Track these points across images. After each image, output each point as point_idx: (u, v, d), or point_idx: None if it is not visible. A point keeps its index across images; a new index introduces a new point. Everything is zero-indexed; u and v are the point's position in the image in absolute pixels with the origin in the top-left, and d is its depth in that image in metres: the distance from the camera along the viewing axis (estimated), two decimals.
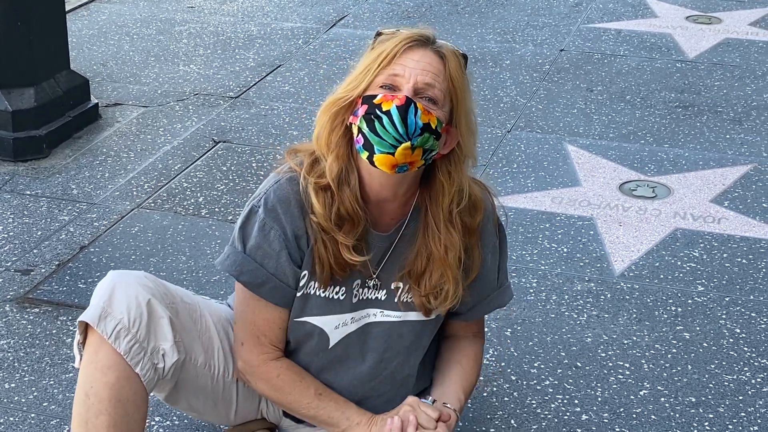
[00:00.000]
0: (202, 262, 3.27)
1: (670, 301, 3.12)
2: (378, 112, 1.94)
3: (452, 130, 2.03)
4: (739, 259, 3.35)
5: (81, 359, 2.06)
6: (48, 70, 4.10)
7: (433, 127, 1.95)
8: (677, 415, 2.62)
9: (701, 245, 3.44)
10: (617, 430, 2.56)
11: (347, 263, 2.06)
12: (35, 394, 2.65)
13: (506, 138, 4.22)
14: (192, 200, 3.67)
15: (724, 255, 3.38)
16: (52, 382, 2.69)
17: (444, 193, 2.06)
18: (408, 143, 1.93)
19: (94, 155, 4.01)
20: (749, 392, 2.71)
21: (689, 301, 3.12)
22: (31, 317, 2.98)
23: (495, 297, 2.26)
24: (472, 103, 2.06)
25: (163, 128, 4.27)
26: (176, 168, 3.91)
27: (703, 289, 3.18)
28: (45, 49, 4.07)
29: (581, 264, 3.32)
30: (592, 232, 3.50)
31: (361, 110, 1.97)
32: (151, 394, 2.16)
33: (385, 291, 2.14)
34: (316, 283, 2.10)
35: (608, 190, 3.81)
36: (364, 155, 1.97)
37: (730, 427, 2.59)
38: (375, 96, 1.96)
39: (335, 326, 2.14)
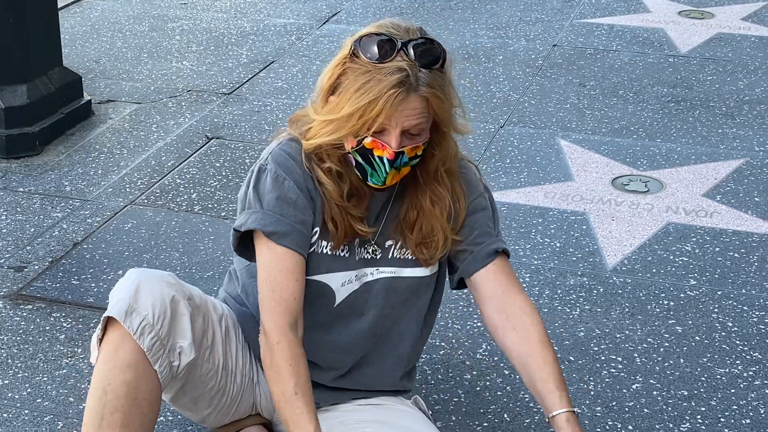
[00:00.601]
0: (196, 259, 3.27)
1: (663, 295, 3.13)
2: (370, 155, 2.05)
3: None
4: (732, 253, 3.36)
5: (98, 355, 2.06)
6: (41, 67, 4.10)
7: (419, 154, 2.09)
8: (669, 409, 2.63)
9: (693, 239, 3.45)
10: (610, 423, 2.57)
11: (356, 233, 2.15)
12: (28, 390, 2.65)
13: (499, 133, 4.23)
14: (185, 196, 3.67)
15: (717, 249, 3.39)
16: (45, 379, 2.70)
17: (433, 157, 2.15)
18: (394, 171, 2.07)
19: (87, 152, 4.01)
20: (741, 385, 2.73)
21: (681, 295, 3.13)
22: (25, 314, 2.98)
23: (495, 242, 2.23)
24: (453, 90, 2.10)
25: (156, 125, 4.27)
26: (169, 164, 3.91)
27: (695, 283, 3.19)
28: (37, 45, 4.07)
29: (574, 258, 3.32)
30: (584, 227, 3.51)
31: (351, 143, 2.06)
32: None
33: (380, 250, 2.21)
34: (326, 242, 2.15)
35: (601, 185, 3.82)
36: (357, 172, 2.10)
37: (722, 420, 2.60)
38: (365, 138, 2.03)
39: (341, 283, 2.19)
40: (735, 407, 2.64)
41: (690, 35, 5.41)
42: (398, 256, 2.22)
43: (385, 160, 2.03)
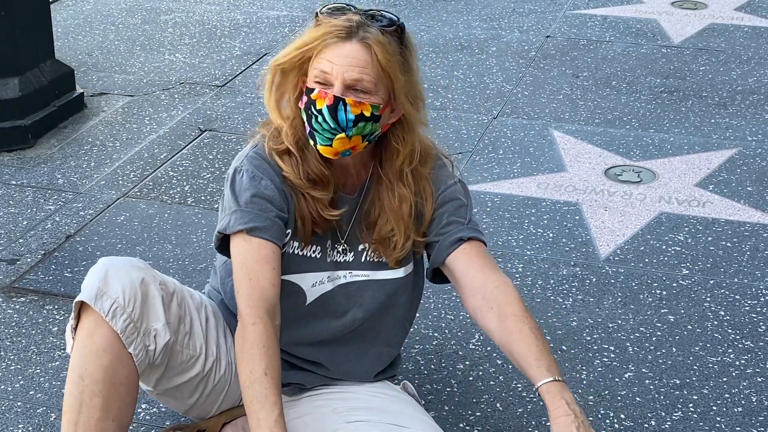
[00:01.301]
0: (189, 251, 3.27)
1: (655, 284, 3.13)
2: (313, 108, 2.06)
3: (396, 104, 2.13)
4: (724, 243, 3.37)
5: (72, 344, 2.07)
6: (33, 60, 4.09)
7: (368, 115, 2.07)
8: (662, 397, 2.64)
9: (686, 229, 3.45)
10: (602, 412, 2.58)
11: (325, 219, 2.16)
12: (21, 382, 2.65)
13: (492, 124, 4.23)
14: (178, 189, 3.67)
15: (709, 238, 3.39)
16: (38, 371, 2.70)
17: (398, 154, 2.17)
18: (343, 134, 2.07)
19: (79, 145, 4.01)
20: (733, 374, 2.73)
21: (674, 285, 3.13)
22: (18, 306, 2.98)
23: (463, 230, 2.22)
24: (414, 74, 2.12)
25: (149, 117, 4.26)
26: (162, 157, 3.91)
27: (687, 272, 3.20)
28: (29, 38, 4.06)
29: (567, 249, 3.33)
30: (577, 217, 3.52)
31: (303, 101, 2.09)
32: (141, 384, 2.17)
33: (353, 253, 2.23)
34: (296, 242, 2.17)
35: (594, 176, 3.82)
36: (311, 143, 2.11)
37: (714, 408, 2.60)
38: (312, 90, 2.06)
39: (312, 284, 2.21)
40: (727, 395, 2.65)
41: (683, 26, 5.41)
42: (371, 260, 2.24)
43: (325, 110, 2.04)
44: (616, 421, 2.55)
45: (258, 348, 2.02)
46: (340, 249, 2.23)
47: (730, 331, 2.91)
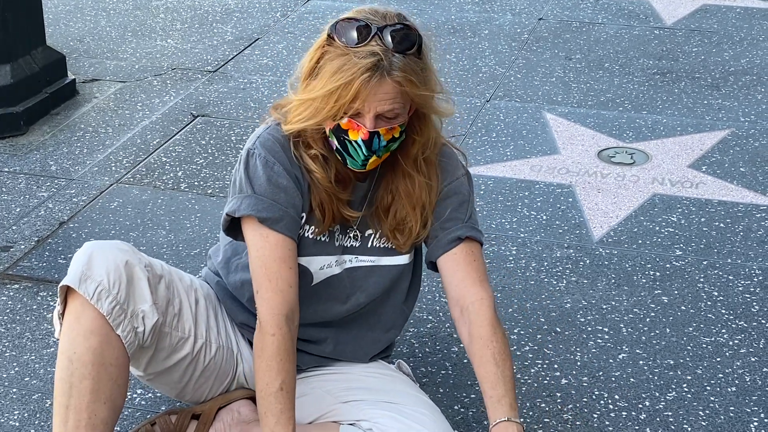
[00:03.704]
0: (182, 236, 3.27)
1: (649, 265, 3.14)
2: (346, 137, 2.06)
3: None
4: (717, 223, 3.38)
5: (60, 328, 2.07)
6: (24, 47, 4.08)
7: (397, 135, 2.09)
8: (655, 378, 2.64)
9: (679, 210, 3.46)
10: (596, 393, 2.59)
11: (343, 216, 2.17)
12: (16, 369, 2.66)
13: (485, 107, 4.23)
14: (171, 174, 3.66)
15: (702, 219, 3.40)
16: (33, 357, 2.70)
17: (414, 143, 2.17)
18: (375, 157, 2.09)
19: (72, 131, 4.00)
20: (727, 354, 2.74)
21: (667, 266, 3.14)
22: (12, 293, 2.98)
23: (461, 228, 2.22)
24: (431, 74, 2.10)
25: (141, 103, 4.25)
26: (155, 143, 3.90)
27: (681, 253, 3.21)
28: (21, 25, 4.04)
29: (560, 231, 3.33)
30: (570, 200, 3.52)
31: (330, 125, 2.07)
32: (132, 369, 2.18)
33: (360, 238, 2.24)
34: (310, 227, 2.18)
35: (587, 158, 3.82)
36: (337, 156, 2.11)
37: (708, 388, 2.61)
38: (341, 119, 2.04)
39: (320, 267, 2.22)
40: (721, 375, 2.66)
41: (675, 7, 5.40)
42: (377, 245, 2.25)
43: (360, 142, 2.05)
44: (610, 401, 2.56)
45: (276, 361, 2.04)
46: (351, 234, 2.23)
47: (723, 311, 2.92)
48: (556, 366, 2.68)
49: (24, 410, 2.51)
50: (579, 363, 2.70)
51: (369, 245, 2.25)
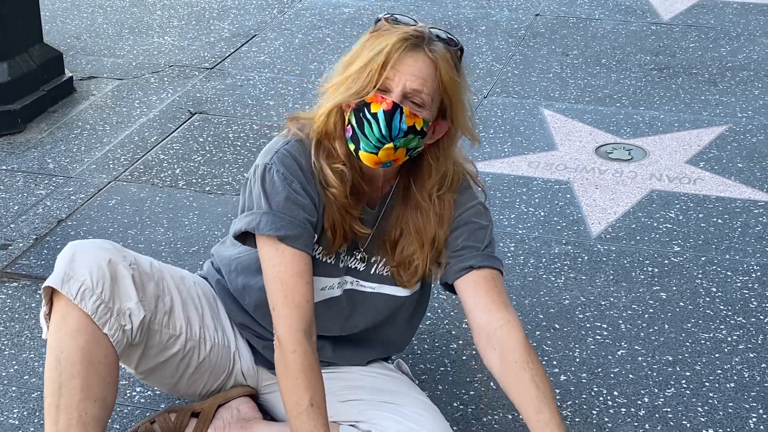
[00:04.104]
0: (180, 234, 3.27)
1: (647, 261, 3.14)
2: (366, 112, 2.01)
3: (442, 123, 2.10)
4: (715, 219, 3.38)
5: (48, 329, 2.08)
6: (21, 44, 4.07)
7: (418, 128, 2.04)
8: (654, 374, 2.65)
9: (677, 206, 3.46)
10: (595, 389, 2.59)
11: (354, 233, 2.14)
12: (15, 367, 2.65)
13: (482, 104, 4.23)
14: (169, 172, 3.66)
15: (700, 215, 3.40)
16: (32, 356, 2.70)
17: (430, 175, 2.14)
18: (391, 144, 2.03)
19: (69, 129, 4.00)
20: (725, 350, 2.74)
21: (666, 262, 3.14)
22: (10, 291, 2.98)
23: (475, 256, 2.17)
24: (466, 94, 2.10)
25: (139, 100, 4.25)
26: (152, 140, 3.90)
27: (679, 249, 3.21)
28: (17, 22, 4.04)
29: (558, 227, 3.33)
30: (568, 196, 3.52)
31: (353, 103, 2.04)
32: (123, 366, 2.18)
33: (365, 263, 2.22)
34: (320, 248, 2.16)
35: (584, 154, 3.82)
36: (351, 147, 2.07)
37: (707, 384, 2.62)
38: (366, 95, 2.02)
39: (322, 287, 2.20)
40: (719, 371, 2.66)
41: (672, 2, 5.40)
42: (381, 273, 2.23)
43: (381, 114, 2.00)
44: (609, 398, 2.56)
45: (301, 378, 2.02)
46: (357, 256, 2.21)
47: (722, 307, 2.93)
48: (555, 362, 2.69)
49: (23, 408, 2.51)
50: (578, 359, 2.70)
51: (372, 271, 2.23)
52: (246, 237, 2.14)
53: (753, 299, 2.96)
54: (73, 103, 4.22)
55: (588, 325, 2.84)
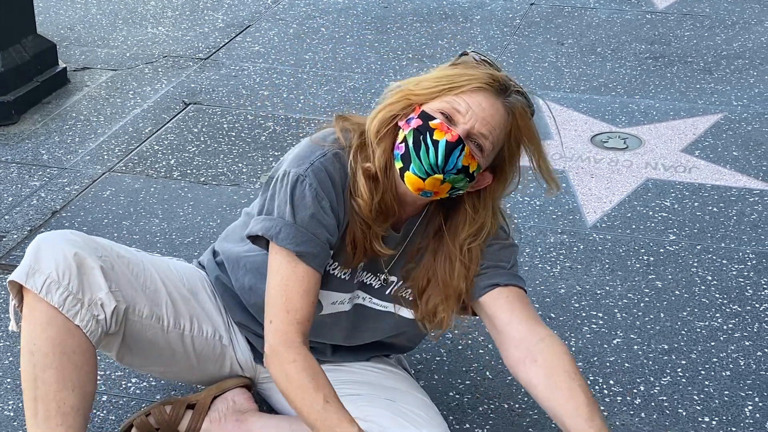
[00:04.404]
0: (175, 225, 3.26)
1: (642, 250, 3.14)
2: (428, 136, 1.97)
3: (487, 174, 2.07)
4: (710, 208, 3.38)
5: (18, 323, 2.08)
6: (14, 35, 4.06)
7: (471, 171, 2.00)
8: (650, 363, 2.65)
9: (673, 195, 3.46)
10: (591, 378, 2.59)
11: (374, 252, 2.10)
12: (10, 359, 2.65)
13: None
14: (163, 163, 3.65)
15: (696, 204, 3.40)
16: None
17: (465, 225, 2.10)
18: (441, 176, 1.99)
19: (63, 120, 3.99)
20: (721, 338, 2.75)
21: (661, 250, 3.14)
22: (4, 283, 2.96)
23: (501, 274, 2.14)
24: (542, 144, 2.08)
25: (133, 91, 4.24)
26: (147, 131, 3.89)
27: (674, 237, 3.21)
28: (10, 13, 4.02)
29: (554, 216, 3.33)
30: (564, 185, 3.52)
31: (415, 123, 2.00)
32: (105, 353, 2.17)
33: (380, 282, 2.19)
34: (335, 263, 2.12)
35: (580, 143, 3.82)
36: (398, 165, 2.02)
37: (703, 372, 2.62)
38: (433, 119, 1.98)
39: (332, 302, 2.18)
40: (715, 360, 2.66)
41: None
42: (396, 294, 2.20)
43: (443, 144, 1.95)
44: (605, 386, 2.56)
45: (308, 382, 1.99)
46: (381, 278, 2.18)
47: (717, 295, 2.93)
48: None
49: (18, 400, 2.50)
50: (573, 348, 2.70)
51: (387, 292, 2.20)
52: (258, 238, 2.09)
53: (748, 287, 2.96)
54: (67, 94, 4.20)
55: (584, 314, 2.84)
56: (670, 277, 3.01)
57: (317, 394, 1.97)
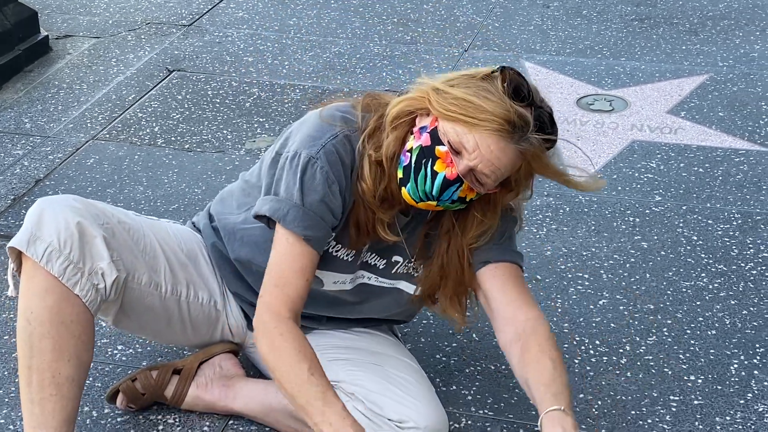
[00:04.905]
0: (160, 192, 3.25)
1: (628, 212, 3.14)
2: (430, 164, 1.95)
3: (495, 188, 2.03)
4: (696, 168, 3.37)
5: (15, 288, 2.05)
6: None
7: (467, 200, 2.00)
8: (636, 323, 2.65)
9: (658, 156, 3.45)
10: (577, 339, 2.59)
11: (378, 237, 2.08)
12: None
13: (463, 57, 4.20)
14: (147, 130, 3.63)
15: (681, 165, 3.40)
16: (11, 316, 2.68)
17: (472, 227, 2.09)
18: (434, 203, 1.99)
19: (46, 88, 3.95)
20: (707, 297, 2.75)
21: (647, 211, 3.14)
22: None
23: (496, 247, 2.14)
24: (556, 167, 2.04)
25: (116, 59, 4.20)
26: (130, 98, 3.86)
27: (660, 198, 3.21)
28: None
29: (539, 179, 3.31)
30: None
31: (425, 139, 1.96)
32: (100, 318, 2.16)
33: (385, 261, 2.18)
34: (338, 245, 2.11)
35: (566, 106, 3.81)
36: (399, 174, 2.00)
37: (688, 332, 2.62)
38: (440, 143, 1.94)
39: (334, 281, 2.17)
40: (701, 319, 2.67)
41: None
42: (402, 272, 2.20)
43: (441, 178, 1.94)
44: (591, 347, 2.57)
45: (294, 354, 1.97)
46: (388, 259, 2.17)
47: (703, 255, 2.93)
48: None
49: (3, 369, 2.50)
50: (560, 309, 2.70)
51: (393, 271, 2.19)
52: (262, 216, 2.07)
53: (734, 247, 2.96)
54: (50, 63, 4.17)
55: (570, 276, 2.84)
56: (655, 237, 3.01)
57: (301, 368, 1.95)
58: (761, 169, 3.35)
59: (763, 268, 2.86)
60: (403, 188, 2.00)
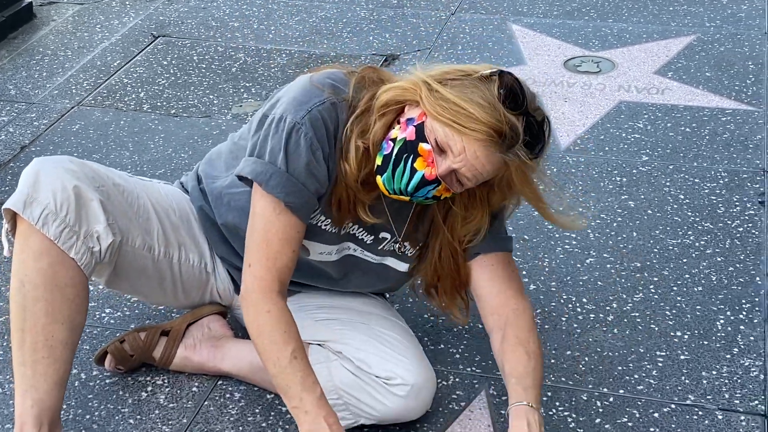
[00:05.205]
0: (146, 157, 3.24)
1: (615, 171, 3.14)
2: (411, 159, 1.93)
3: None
4: (683, 128, 3.38)
5: (10, 248, 2.04)
6: None
7: (442, 198, 2.00)
8: (623, 280, 2.66)
9: (645, 116, 3.45)
10: (564, 297, 2.60)
11: (359, 218, 2.08)
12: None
13: (450, 20, 4.18)
14: (133, 96, 3.61)
15: (668, 125, 3.40)
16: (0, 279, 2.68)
17: (459, 226, 2.10)
18: (407, 198, 1.98)
19: (30, 55, 3.93)
20: (693, 255, 2.76)
21: (634, 171, 3.14)
22: None
23: (487, 239, 2.15)
24: (536, 184, 2.02)
25: (100, 25, 4.18)
26: (115, 64, 3.84)
27: (647, 158, 3.21)
28: None
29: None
30: None
31: (410, 133, 1.93)
32: (92, 280, 2.15)
33: (372, 237, 2.17)
34: (326, 218, 2.10)
35: (553, 68, 3.80)
36: (378, 161, 1.98)
37: (675, 288, 2.63)
38: (425, 141, 1.91)
39: (319, 252, 2.16)
40: (687, 276, 2.68)
41: None
42: (388, 249, 2.19)
43: (419, 176, 1.93)
44: (578, 305, 2.58)
45: (278, 334, 1.96)
46: (374, 235, 2.16)
47: (689, 213, 2.93)
48: (524, 272, 2.69)
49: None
50: (547, 269, 2.71)
51: (380, 247, 2.18)
52: (245, 177, 2.05)
53: (720, 205, 2.97)
54: (34, 29, 4.14)
55: (557, 236, 2.84)
56: (642, 197, 3.01)
57: (285, 349, 1.95)
58: (748, 128, 3.36)
59: (749, 225, 2.87)
60: (378, 176, 1.98)
